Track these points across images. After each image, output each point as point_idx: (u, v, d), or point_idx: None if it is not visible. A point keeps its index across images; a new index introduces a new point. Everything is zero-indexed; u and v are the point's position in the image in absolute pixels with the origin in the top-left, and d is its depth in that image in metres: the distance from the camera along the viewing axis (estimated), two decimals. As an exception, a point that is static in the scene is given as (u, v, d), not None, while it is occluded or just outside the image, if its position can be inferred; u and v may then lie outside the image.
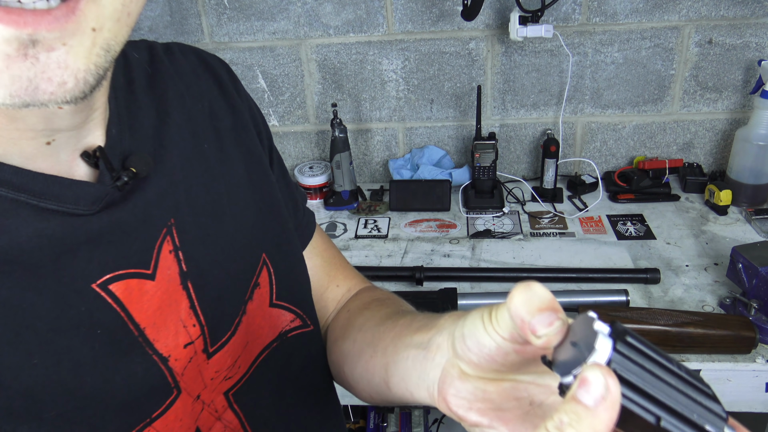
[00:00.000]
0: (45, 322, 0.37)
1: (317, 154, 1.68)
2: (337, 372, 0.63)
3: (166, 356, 0.44)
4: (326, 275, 0.68)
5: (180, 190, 0.47)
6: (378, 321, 0.55)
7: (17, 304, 0.36)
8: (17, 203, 0.37)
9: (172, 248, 0.45)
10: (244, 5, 1.49)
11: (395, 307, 0.59)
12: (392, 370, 0.46)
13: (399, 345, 0.46)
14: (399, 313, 0.54)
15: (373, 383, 0.51)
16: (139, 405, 0.42)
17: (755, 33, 1.41)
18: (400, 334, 0.47)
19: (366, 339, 0.54)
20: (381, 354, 0.49)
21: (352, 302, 0.66)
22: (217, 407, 0.49)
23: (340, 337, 0.61)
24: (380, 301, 0.61)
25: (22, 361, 0.36)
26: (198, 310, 0.47)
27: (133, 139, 0.45)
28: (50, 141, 0.38)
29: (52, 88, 0.31)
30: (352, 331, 0.58)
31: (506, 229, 1.41)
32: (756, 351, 1.00)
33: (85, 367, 0.39)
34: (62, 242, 0.38)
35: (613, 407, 0.26)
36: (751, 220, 1.36)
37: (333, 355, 0.63)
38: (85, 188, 0.39)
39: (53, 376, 0.37)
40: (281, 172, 0.63)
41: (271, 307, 0.55)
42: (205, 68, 0.56)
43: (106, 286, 0.40)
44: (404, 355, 0.44)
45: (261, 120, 0.61)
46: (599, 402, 0.26)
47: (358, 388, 0.56)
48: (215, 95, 0.55)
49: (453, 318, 0.40)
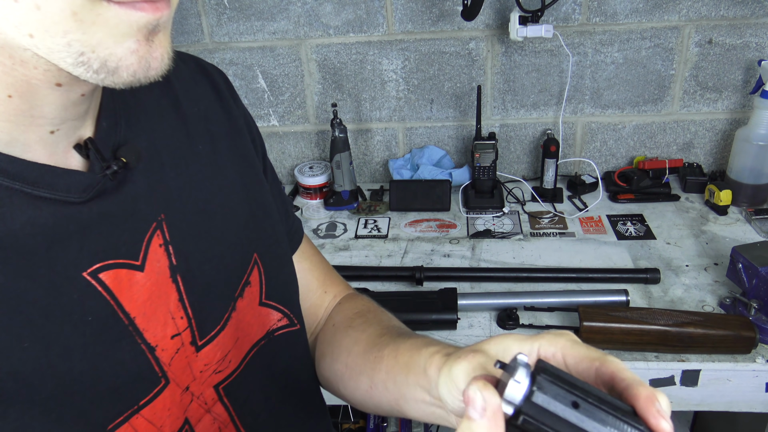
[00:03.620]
0: (37, 308, 0.38)
1: (317, 154, 1.68)
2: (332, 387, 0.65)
3: (154, 346, 0.45)
4: (315, 279, 0.70)
5: (171, 186, 0.49)
6: (365, 346, 0.59)
7: (11, 290, 0.37)
8: (11, 191, 0.38)
9: (162, 242, 0.46)
10: (244, 5, 1.49)
11: (376, 326, 0.62)
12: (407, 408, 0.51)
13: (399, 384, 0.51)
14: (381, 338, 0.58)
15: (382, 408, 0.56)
16: (126, 392, 0.43)
17: (755, 33, 1.41)
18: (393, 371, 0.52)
19: (357, 366, 0.58)
20: (382, 389, 0.54)
21: (337, 314, 0.68)
22: (206, 400, 0.51)
23: (329, 356, 0.64)
24: (362, 318, 0.64)
25: (12, 344, 0.37)
26: (186, 303, 0.48)
27: (127, 132, 0.46)
28: (54, 130, 0.40)
29: (156, 65, 0.36)
30: (341, 353, 0.62)
31: (506, 229, 1.41)
32: (756, 351, 1.00)
33: (74, 353, 0.40)
34: (54, 230, 0.39)
35: (493, 416, 0.31)
36: (751, 220, 1.36)
37: (325, 372, 0.65)
38: (76, 177, 0.41)
39: (42, 360, 0.38)
40: (273, 179, 0.66)
41: (261, 305, 0.56)
42: (203, 75, 0.58)
43: (96, 274, 0.41)
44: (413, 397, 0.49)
45: (255, 130, 0.63)
46: (482, 413, 0.31)
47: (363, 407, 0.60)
48: (211, 101, 0.57)
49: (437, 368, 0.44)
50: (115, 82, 0.35)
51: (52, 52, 0.33)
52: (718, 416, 1.59)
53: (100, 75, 0.35)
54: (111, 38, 0.34)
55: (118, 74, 0.35)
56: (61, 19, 0.32)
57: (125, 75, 0.35)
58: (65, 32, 0.33)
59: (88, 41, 0.33)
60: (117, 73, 0.35)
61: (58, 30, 0.32)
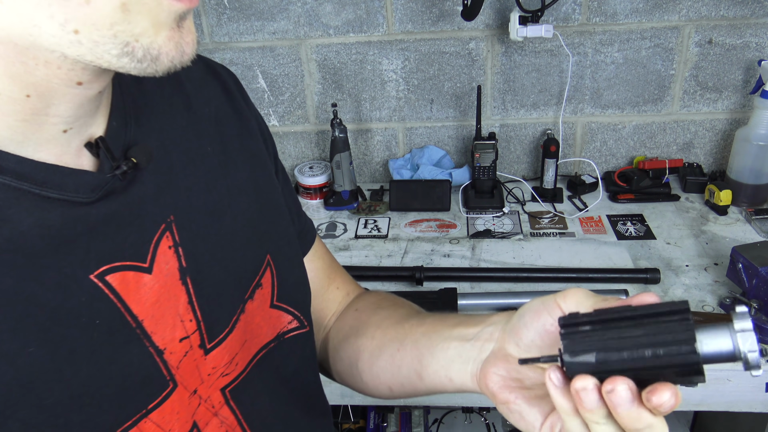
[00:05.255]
0: (44, 311, 0.38)
1: (317, 154, 1.68)
2: (346, 369, 0.66)
3: (162, 349, 0.45)
4: (327, 277, 0.71)
5: (181, 187, 0.48)
6: (399, 319, 0.62)
7: (18, 293, 0.37)
8: (20, 192, 0.37)
9: (172, 244, 0.46)
10: (244, 5, 1.49)
11: (410, 308, 0.65)
12: (428, 361, 0.55)
13: (434, 338, 0.55)
14: (421, 313, 0.62)
15: (400, 375, 0.59)
16: (134, 396, 0.43)
17: (755, 33, 1.41)
18: (433, 329, 0.56)
19: (388, 335, 0.61)
20: (411, 347, 0.57)
21: (359, 302, 0.70)
22: (213, 403, 0.50)
23: (353, 335, 0.65)
24: (393, 301, 0.67)
25: (19, 348, 0.37)
26: (195, 305, 0.47)
27: (137, 132, 0.46)
28: (67, 129, 0.40)
29: (189, 50, 0.38)
30: (368, 328, 0.64)
31: (506, 229, 1.41)
32: (756, 351, 1.00)
33: (81, 356, 0.40)
34: (62, 232, 0.39)
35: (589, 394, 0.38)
36: (751, 220, 1.36)
37: (342, 352, 0.66)
38: (85, 177, 0.40)
39: (49, 364, 0.38)
40: (285, 180, 0.65)
41: (272, 308, 0.56)
42: (213, 76, 0.58)
43: (103, 277, 0.41)
44: (443, 346, 0.54)
45: (266, 131, 0.63)
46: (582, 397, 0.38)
47: (377, 382, 0.62)
48: (222, 102, 0.57)
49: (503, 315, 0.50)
50: (157, 69, 0.37)
51: (97, 45, 0.34)
52: (718, 416, 1.59)
53: (143, 64, 0.36)
54: (153, 27, 0.35)
55: (159, 61, 0.36)
56: (111, 10, 0.33)
57: (166, 61, 0.37)
58: (112, 24, 0.33)
59: (132, 31, 0.34)
60: (159, 60, 0.36)
61: (106, 22, 0.33)
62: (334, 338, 0.69)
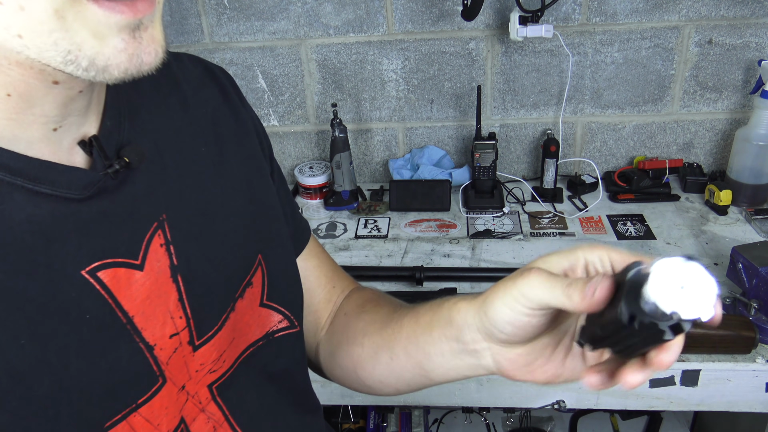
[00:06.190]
0: (35, 305, 0.39)
1: (317, 154, 1.68)
2: (347, 375, 0.67)
3: (152, 345, 0.45)
4: (323, 276, 0.71)
5: (173, 187, 0.49)
6: (381, 324, 0.62)
7: (9, 288, 0.37)
8: (13, 187, 0.38)
9: (164, 242, 0.47)
10: (244, 5, 1.49)
11: (389, 306, 0.65)
12: (430, 366, 0.55)
13: (422, 343, 0.55)
14: (396, 313, 0.62)
15: (405, 379, 0.60)
16: (124, 391, 0.44)
17: (755, 33, 1.41)
18: (414, 334, 0.56)
19: (375, 343, 0.61)
20: (404, 356, 0.58)
21: (347, 305, 0.70)
22: (201, 399, 0.51)
23: (345, 343, 0.66)
24: (373, 302, 0.67)
25: (9, 341, 0.37)
26: (186, 303, 0.48)
27: (131, 131, 0.46)
28: (57, 127, 0.40)
29: (150, 59, 0.37)
30: (356, 336, 0.64)
31: (506, 229, 1.41)
32: (756, 351, 1.00)
33: (71, 351, 0.40)
34: (53, 228, 0.40)
35: None
36: (751, 220, 1.36)
37: (342, 360, 0.66)
38: (78, 174, 0.41)
39: (39, 358, 0.39)
40: (280, 181, 0.66)
41: (261, 306, 0.56)
42: (211, 78, 0.59)
43: (95, 273, 0.42)
44: (438, 351, 0.54)
45: (263, 131, 0.63)
46: None
47: (382, 386, 0.63)
48: (219, 103, 0.58)
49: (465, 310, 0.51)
50: (107, 78, 0.36)
51: (42, 51, 0.34)
52: (718, 416, 1.59)
53: (90, 72, 0.35)
54: (94, 38, 0.34)
55: (108, 72, 0.36)
56: (46, 18, 0.33)
57: (116, 72, 0.36)
58: (50, 31, 0.33)
59: (72, 39, 0.34)
60: (108, 71, 0.36)
61: (44, 29, 0.33)
62: (328, 343, 0.69)
